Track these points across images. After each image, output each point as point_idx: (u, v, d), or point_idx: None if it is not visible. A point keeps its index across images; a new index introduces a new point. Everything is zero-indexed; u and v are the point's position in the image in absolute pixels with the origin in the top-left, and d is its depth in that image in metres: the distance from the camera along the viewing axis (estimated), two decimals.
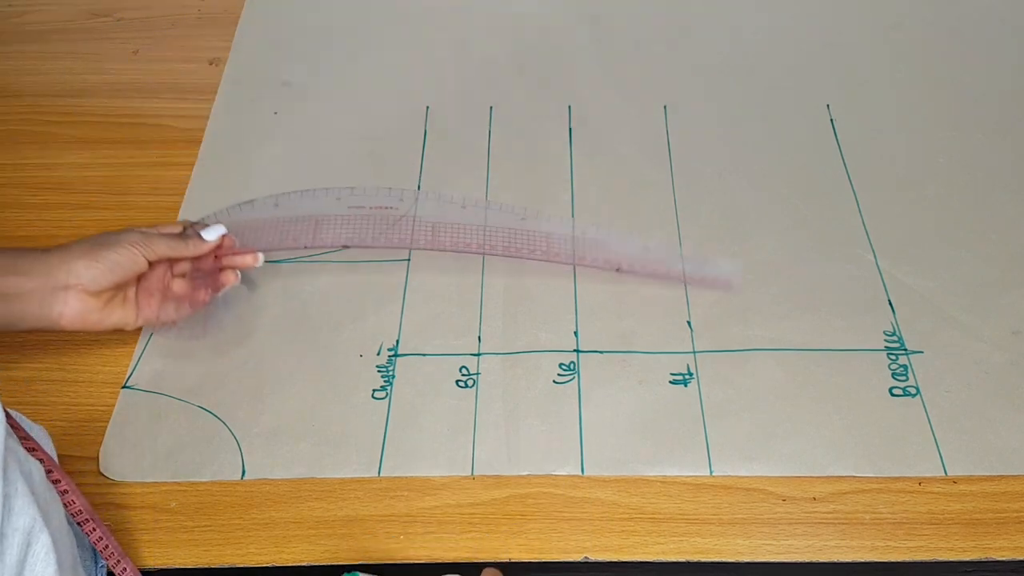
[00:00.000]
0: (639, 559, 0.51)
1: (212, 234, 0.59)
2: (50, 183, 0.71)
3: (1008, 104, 0.75)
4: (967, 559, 0.51)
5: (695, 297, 0.62)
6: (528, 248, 0.58)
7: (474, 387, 0.58)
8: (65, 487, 0.47)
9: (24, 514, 0.41)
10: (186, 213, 0.69)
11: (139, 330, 0.61)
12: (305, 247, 0.59)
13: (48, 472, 0.46)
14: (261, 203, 0.62)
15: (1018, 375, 0.58)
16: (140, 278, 0.58)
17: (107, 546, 0.48)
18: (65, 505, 0.47)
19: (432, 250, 0.58)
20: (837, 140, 0.73)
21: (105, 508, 0.54)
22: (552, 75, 0.79)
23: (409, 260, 0.64)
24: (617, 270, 0.59)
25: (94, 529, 0.48)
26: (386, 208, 0.60)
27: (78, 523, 0.48)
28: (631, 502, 0.53)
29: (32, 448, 0.47)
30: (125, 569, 0.48)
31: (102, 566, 0.52)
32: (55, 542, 0.42)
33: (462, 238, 0.59)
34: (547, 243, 0.59)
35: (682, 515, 0.53)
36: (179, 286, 0.59)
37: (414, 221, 0.59)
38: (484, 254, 0.57)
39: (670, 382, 0.58)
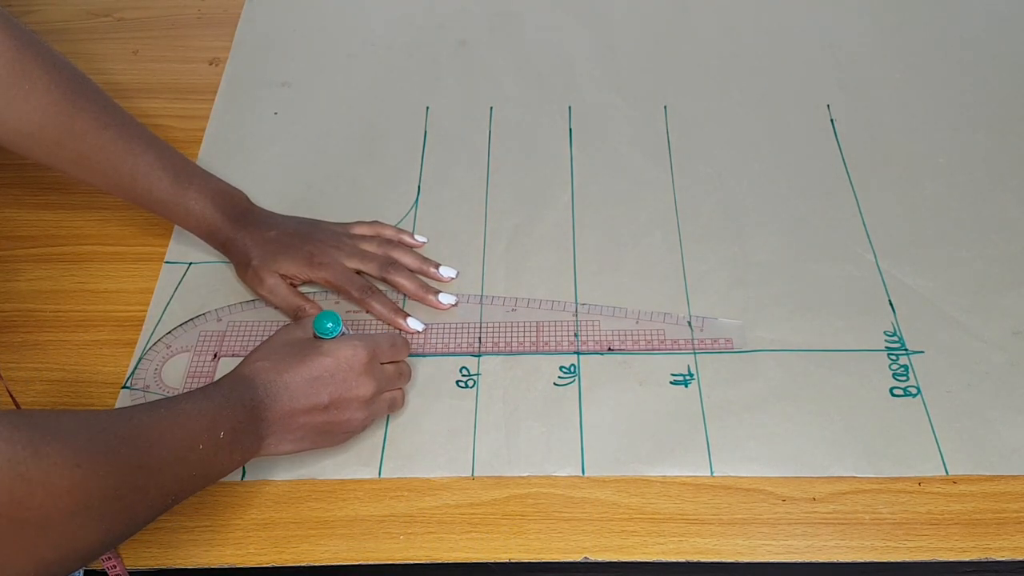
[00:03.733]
0: (639, 559, 0.51)
1: (447, 300, 0.62)
2: (50, 183, 0.71)
3: (1008, 104, 0.75)
4: (967, 559, 0.51)
5: (695, 298, 0.62)
6: (518, 341, 0.60)
7: (474, 388, 0.58)
8: None
9: None
10: None
11: (139, 329, 0.62)
12: None
13: None
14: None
15: (1018, 375, 0.58)
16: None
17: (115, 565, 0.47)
18: None
19: (425, 355, 0.60)
20: (837, 140, 0.73)
21: None
22: (552, 75, 0.79)
23: None
24: (609, 349, 0.59)
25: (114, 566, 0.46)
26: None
27: None
28: (631, 502, 0.53)
29: None
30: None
31: None
32: None
33: (454, 339, 0.61)
34: (537, 332, 0.61)
35: (682, 515, 0.53)
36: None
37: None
38: (480, 354, 0.60)
39: (671, 383, 0.58)
